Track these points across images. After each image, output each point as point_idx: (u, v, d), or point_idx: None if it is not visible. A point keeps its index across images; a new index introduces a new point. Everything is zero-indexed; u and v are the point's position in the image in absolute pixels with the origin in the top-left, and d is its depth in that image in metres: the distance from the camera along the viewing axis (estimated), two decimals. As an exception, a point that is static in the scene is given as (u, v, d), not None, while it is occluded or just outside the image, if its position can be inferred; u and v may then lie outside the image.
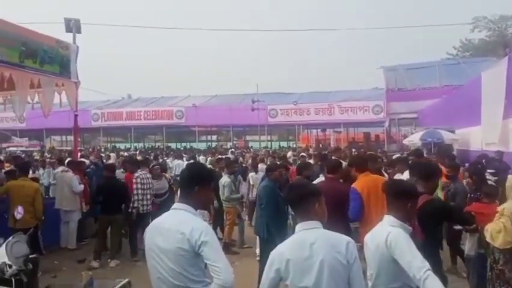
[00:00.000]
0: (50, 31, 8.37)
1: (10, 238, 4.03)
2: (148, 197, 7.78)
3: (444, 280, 2.74)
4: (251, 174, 9.76)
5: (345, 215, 4.80)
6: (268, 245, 5.53)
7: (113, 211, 7.42)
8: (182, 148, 32.90)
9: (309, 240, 2.41)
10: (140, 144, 38.66)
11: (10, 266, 3.66)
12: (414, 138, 17.69)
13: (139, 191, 7.65)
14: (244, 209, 9.86)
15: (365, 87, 34.55)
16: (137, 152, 23.11)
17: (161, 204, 7.79)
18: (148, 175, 8.03)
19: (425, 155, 9.72)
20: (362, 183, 4.84)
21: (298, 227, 2.51)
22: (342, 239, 2.44)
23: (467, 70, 24.67)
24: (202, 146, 34.36)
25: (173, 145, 36.77)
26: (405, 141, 20.24)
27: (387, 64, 30.08)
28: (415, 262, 2.52)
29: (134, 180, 7.71)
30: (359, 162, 5.29)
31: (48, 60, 7.80)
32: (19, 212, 4.93)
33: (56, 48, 8.08)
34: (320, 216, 2.52)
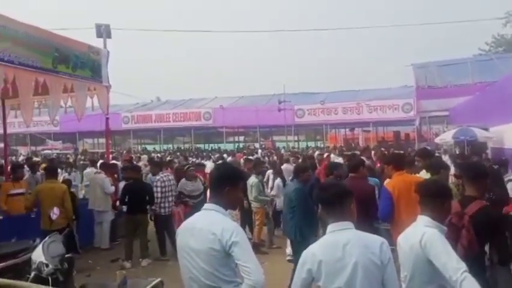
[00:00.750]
0: (82, 37, 8.62)
1: (46, 238, 4.17)
2: (170, 199, 7.86)
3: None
4: (276, 182, 9.07)
5: (368, 214, 4.69)
6: (301, 247, 5.51)
7: (139, 212, 7.53)
8: (210, 149, 33.16)
9: (342, 241, 2.39)
10: (169, 146, 39.22)
11: (47, 265, 3.79)
12: (446, 137, 17.25)
13: (159, 194, 7.72)
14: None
15: (394, 85, 33.96)
16: (166, 154, 23.51)
17: (197, 205, 7.72)
18: (171, 177, 8.12)
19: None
20: (394, 182, 4.73)
21: (330, 227, 2.49)
22: (376, 240, 2.43)
23: (500, 66, 23.89)
24: (229, 146, 34.56)
25: (201, 146, 37.13)
26: (437, 140, 19.79)
27: (417, 61, 29.44)
28: (451, 263, 2.45)
29: (155, 183, 7.80)
30: (395, 160, 5.09)
31: (81, 65, 8.02)
32: (55, 213, 5.09)
33: (88, 54, 8.29)
34: (352, 217, 2.50)
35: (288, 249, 7.22)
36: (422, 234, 2.61)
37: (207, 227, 2.57)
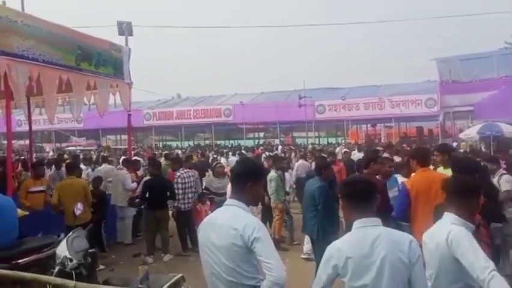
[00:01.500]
0: (104, 34, 8.74)
1: (70, 233, 4.24)
2: (190, 195, 7.86)
3: None
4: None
5: (381, 210, 4.59)
6: (323, 245, 5.46)
7: (160, 207, 7.58)
8: (230, 145, 33.28)
9: (370, 237, 2.35)
10: (190, 142, 39.52)
11: (71, 260, 3.85)
12: (471, 132, 16.90)
13: (180, 190, 7.74)
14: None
15: (417, 80, 33.36)
16: (187, 150, 23.70)
17: (221, 204, 7.71)
18: (191, 173, 8.13)
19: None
20: (414, 180, 4.56)
21: (357, 223, 2.43)
22: (404, 237, 2.38)
23: (526, 60, 23.21)
24: (249, 143, 34.61)
25: (221, 142, 37.30)
26: (462, 135, 19.39)
27: (440, 55, 28.84)
28: (479, 262, 2.37)
29: (175, 180, 7.83)
30: (421, 155, 4.82)
31: (103, 62, 8.13)
32: (79, 208, 5.16)
33: (110, 51, 8.39)
34: (375, 213, 2.45)
35: (305, 247, 7.19)
36: (449, 232, 2.53)
37: (229, 222, 2.55)
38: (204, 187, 8.48)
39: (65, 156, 16.33)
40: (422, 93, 28.45)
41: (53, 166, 10.36)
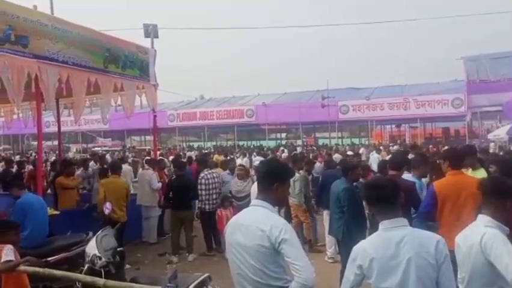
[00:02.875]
0: (130, 37, 8.88)
1: (99, 232, 4.33)
2: (214, 196, 7.85)
3: None
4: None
5: (408, 213, 4.47)
6: (348, 247, 5.41)
7: (183, 208, 7.64)
8: (252, 146, 33.32)
9: (395, 238, 2.33)
10: (213, 143, 39.78)
11: (100, 258, 3.94)
12: (500, 133, 16.51)
13: (203, 191, 7.75)
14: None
15: (443, 80, 32.69)
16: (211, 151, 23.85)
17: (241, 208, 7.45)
18: (215, 174, 8.16)
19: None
20: (444, 184, 4.31)
21: (383, 224, 2.42)
22: (431, 238, 2.35)
23: (557, 58, 22.48)
24: (271, 143, 34.58)
25: (244, 143, 37.40)
26: (490, 136, 18.93)
27: (467, 54, 28.19)
28: None
29: (199, 181, 7.88)
30: (453, 156, 4.49)
31: (129, 64, 8.26)
32: (107, 207, 5.28)
33: (136, 53, 8.52)
34: (401, 214, 2.43)
35: (330, 251, 7.12)
36: (482, 235, 2.48)
37: (255, 223, 2.55)
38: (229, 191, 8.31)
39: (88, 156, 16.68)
40: (448, 92, 27.86)
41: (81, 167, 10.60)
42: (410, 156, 7.60)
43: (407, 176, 5.89)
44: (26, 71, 6.15)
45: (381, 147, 20.59)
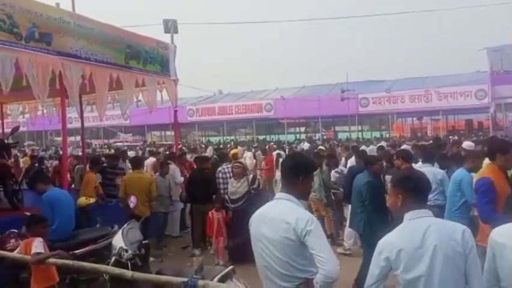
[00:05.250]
0: (150, 32, 8.96)
1: (125, 225, 4.41)
2: None
3: None
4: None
5: None
6: (371, 242, 5.37)
7: (203, 201, 7.64)
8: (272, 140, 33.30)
9: (421, 228, 2.32)
10: (232, 138, 39.93)
11: (126, 251, 4.01)
12: (526, 124, 16.02)
13: (221, 185, 7.71)
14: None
15: (466, 71, 31.98)
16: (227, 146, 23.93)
17: (237, 213, 6.83)
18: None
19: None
20: (495, 177, 3.98)
21: (408, 215, 2.41)
22: (457, 227, 2.34)
23: None
24: (290, 138, 34.48)
25: (262, 138, 37.39)
26: (515, 128, 18.44)
27: (491, 45, 27.47)
28: None
29: (216, 174, 7.87)
30: (499, 147, 4.21)
31: (150, 60, 8.36)
32: (132, 201, 5.37)
33: (157, 49, 8.61)
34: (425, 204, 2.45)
35: (349, 242, 7.09)
36: None
37: (281, 216, 2.57)
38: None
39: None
40: (471, 84, 27.23)
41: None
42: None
43: (428, 168, 5.85)
44: (50, 68, 6.29)
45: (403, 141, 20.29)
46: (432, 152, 7.03)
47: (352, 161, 9.58)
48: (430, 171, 5.63)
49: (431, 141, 14.35)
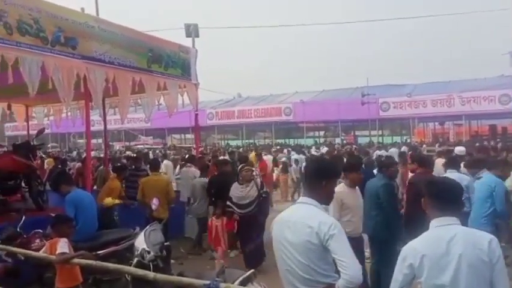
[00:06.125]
0: (172, 37, 9.06)
1: (147, 227, 4.45)
2: None
3: None
4: None
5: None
6: (388, 246, 5.31)
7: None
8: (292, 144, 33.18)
9: (446, 236, 2.29)
10: (251, 141, 40.01)
11: (148, 252, 4.05)
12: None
13: None
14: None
15: (489, 75, 31.33)
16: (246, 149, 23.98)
17: (245, 219, 6.61)
18: (254, 172, 8.14)
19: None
20: None
21: (434, 222, 2.40)
22: (483, 236, 2.30)
23: None
24: (309, 141, 34.34)
25: (281, 141, 37.35)
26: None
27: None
28: None
29: (236, 178, 7.86)
30: None
31: (172, 64, 8.43)
32: (154, 203, 5.42)
33: (178, 53, 8.69)
34: (458, 213, 2.37)
35: (367, 252, 6.98)
36: None
37: (303, 220, 2.56)
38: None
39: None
40: (495, 88, 26.71)
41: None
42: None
43: (453, 174, 5.72)
44: (75, 71, 6.40)
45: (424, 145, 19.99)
46: (457, 158, 6.92)
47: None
48: (455, 177, 5.53)
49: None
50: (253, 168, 8.25)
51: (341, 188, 4.99)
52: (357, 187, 5.18)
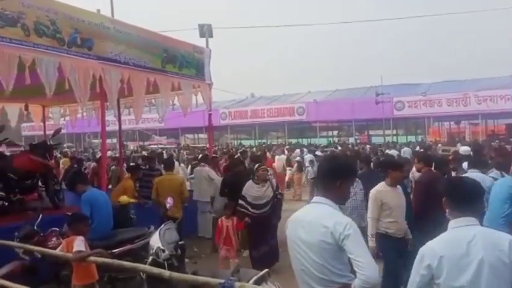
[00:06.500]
0: (185, 37, 9.12)
1: (162, 226, 4.48)
2: None
3: None
4: None
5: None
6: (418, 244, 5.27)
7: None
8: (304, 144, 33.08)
9: (466, 237, 2.26)
10: (264, 141, 39.99)
11: (163, 251, 4.08)
12: None
13: None
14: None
15: (506, 74, 30.79)
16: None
17: (259, 219, 6.51)
18: (269, 172, 8.14)
19: None
20: None
21: (452, 223, 2.37)
22: (503, 237, 2.27)
23: None
24: (322, 141, 34.20)
25: (294, 141, 37.25)
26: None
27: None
28: None
29: (251, 177, 7.84)
30: None
31: (186, 64, 8.49)
32: (169, 202, 5.46)
33: (192, 53, 8.75)
34: (479, 213, 2.34)
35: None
36: None
37: (318, 220, 2.54)
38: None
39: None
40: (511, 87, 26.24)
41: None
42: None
43: (475, 174, 5.64)
44: (91, 72, 6.48)
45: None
46: (480, 157, 6.84)
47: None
48: (477, 177, 5.48)
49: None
50: (269, 168, 8.26)
51: (381, 187, 4.93)
52: (398, 186, 5.06)
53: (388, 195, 4.83)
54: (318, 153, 15.85)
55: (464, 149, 8.43)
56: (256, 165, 7.15)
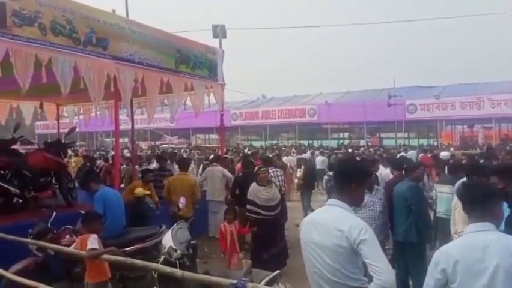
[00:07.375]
0: (198, 37, 9.16)
1: (174, 225, 4.50)
2: None
3: None
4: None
5: None
6: (418, 249, 5.23)
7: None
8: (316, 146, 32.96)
9: (482, 242, 2.24)
10: (274, 142, 39.93)
11: (175, 250, 4.10)
12: None
13: None
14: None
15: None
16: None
17: (267, 222, 6.43)
18: (279, 172, 8.11)
19: None
20: None
21: (469, 228, 2.36)
22: None
23: None
24: (333, 143, 34.03)
25: (305, 142, 37.13)
26: None
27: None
28: None
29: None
30: None
31: (199, 64, 8.54)
32: (181, 202, 5.48)
33: (205, 54, 8.79)
34: (496, 219, 2.31)
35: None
36: None
37: (333, 223, 2.53)
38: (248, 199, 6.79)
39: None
40: (526, 91, 25.86)
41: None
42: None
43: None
44: (106, 71, 6.54)
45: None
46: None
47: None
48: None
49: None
50: (277, 169, 8.24)
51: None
52: None
53: None
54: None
55: (443, 154, 8.49)
56: (256, 168, 7.09)
